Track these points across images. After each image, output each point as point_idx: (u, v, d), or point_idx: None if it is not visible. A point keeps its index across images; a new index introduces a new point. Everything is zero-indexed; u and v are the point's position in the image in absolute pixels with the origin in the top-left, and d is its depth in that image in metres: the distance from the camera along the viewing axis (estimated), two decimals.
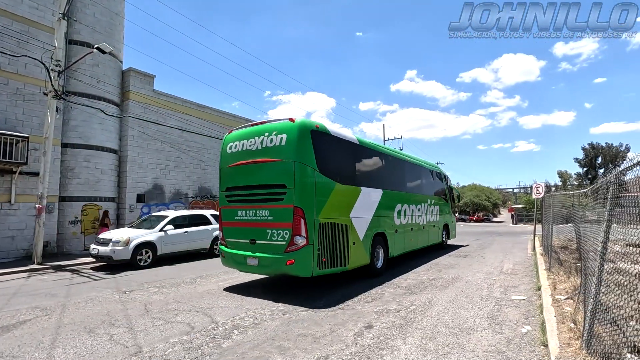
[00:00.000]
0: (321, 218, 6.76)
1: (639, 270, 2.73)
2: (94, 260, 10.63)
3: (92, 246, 10.34)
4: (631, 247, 2.91)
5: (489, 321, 5.07)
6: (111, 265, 10.28)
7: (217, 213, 13.62)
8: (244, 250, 7.11)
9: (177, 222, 11.57)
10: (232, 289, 7.30)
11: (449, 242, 15.43)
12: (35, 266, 10.13)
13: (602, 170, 49.11)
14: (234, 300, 6.36)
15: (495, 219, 58.74)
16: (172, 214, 11.85)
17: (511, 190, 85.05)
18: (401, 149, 41.19)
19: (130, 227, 11.73)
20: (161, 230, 10.91)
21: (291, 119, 6.79)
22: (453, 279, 8.15)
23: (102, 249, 9.93)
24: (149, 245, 10.48)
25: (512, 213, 50.84)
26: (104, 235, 10.60)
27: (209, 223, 12.69)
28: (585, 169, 55.58)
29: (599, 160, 54.30)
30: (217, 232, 12.71)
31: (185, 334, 4.63)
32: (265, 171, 6.93)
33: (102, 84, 14.01)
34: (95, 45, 10.81)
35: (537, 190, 17.35)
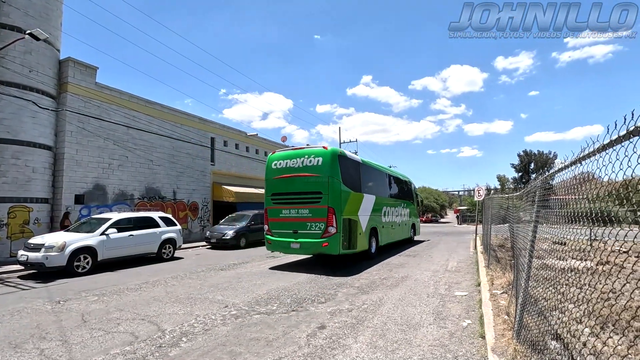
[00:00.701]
0: (344, 215, 9.58)
1: (563, 265, 3.06)
2: (22, 267, 9.61)
3: (21, 252, 9.34)
4: (556, 245, 3.25)
5: (434, 317, 5.37)
6: (43, 273, 9.36)
7: (166, 215, 13.02)
8: (288, 238, 9.82)
9: (121, 225, 10.83)
10: (180, 296, 6.99)
11: (415, 238, 18.41)
12: None
13: (534, 175, 54.15)
14: (182, 307, 6.10)
15: (442, 220, 62.19)
16: (115, 216, 11.07)
17: (457, 192, 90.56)
18: (356, 152, 42.72)
19: (67, 230, 10.78)
20: (102, 233, 10.14)
21: (324, 147, 9.73)
22: (403, 277, 8.50)
23: (33, 255, 9.00)
24: (88, 250, 9.68)
25: (457, 214, 54.13)
26: (35, 240, 9.63)
27: (157, 226, 12.04)
28: (520, 173, 60.97)
29: (532, 166, 59.86)
30: (165, 236, 12.11)
31: (128, 345, 4.35)
32: (305, 182, 9.70)
33: (35, 73, 12.73)
34: (28, 31, 9.82)
35: (479, 193, 18.74)
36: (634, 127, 1.42)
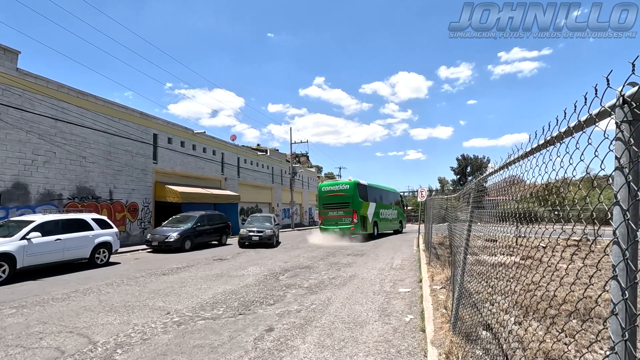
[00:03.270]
0: (361, 214, 19.04)
1: (493, 261, 3.33)
2: None
3: None
4: (488, 242, 3.54)
5: (379, 314, 5.56)
6: None
7: (101, 217, 11.98)
8: (332, 226, 19.17)
9: (47, 229, 9.71)
10: (116, 304, 6.47)
11: (403, 230, 26.85)
12: None
13: (470, 178, 58.67)
14: (118, 316, 5.65)
15: None
16: (39, 218, 9.92)
17: (402, 193, 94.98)
18: (307, 152, 43.92)
19: None
20: (23, 238, 9.04)
21: (350, 179, 19.75)
22: (350, 276, 8.70)
23: None
24: (4, 257, 8.57)
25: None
26: None
27: (90, 228, 11.01)
28: (458, 176, 65.64)
29: (469, 169, 64.80)
30: (99, 239, 11.11)
31: None
32: (341, 198, 19.22)
33: None
34: None
35: (422, 194, 19.88)
36: (550, 136, 1.59)
